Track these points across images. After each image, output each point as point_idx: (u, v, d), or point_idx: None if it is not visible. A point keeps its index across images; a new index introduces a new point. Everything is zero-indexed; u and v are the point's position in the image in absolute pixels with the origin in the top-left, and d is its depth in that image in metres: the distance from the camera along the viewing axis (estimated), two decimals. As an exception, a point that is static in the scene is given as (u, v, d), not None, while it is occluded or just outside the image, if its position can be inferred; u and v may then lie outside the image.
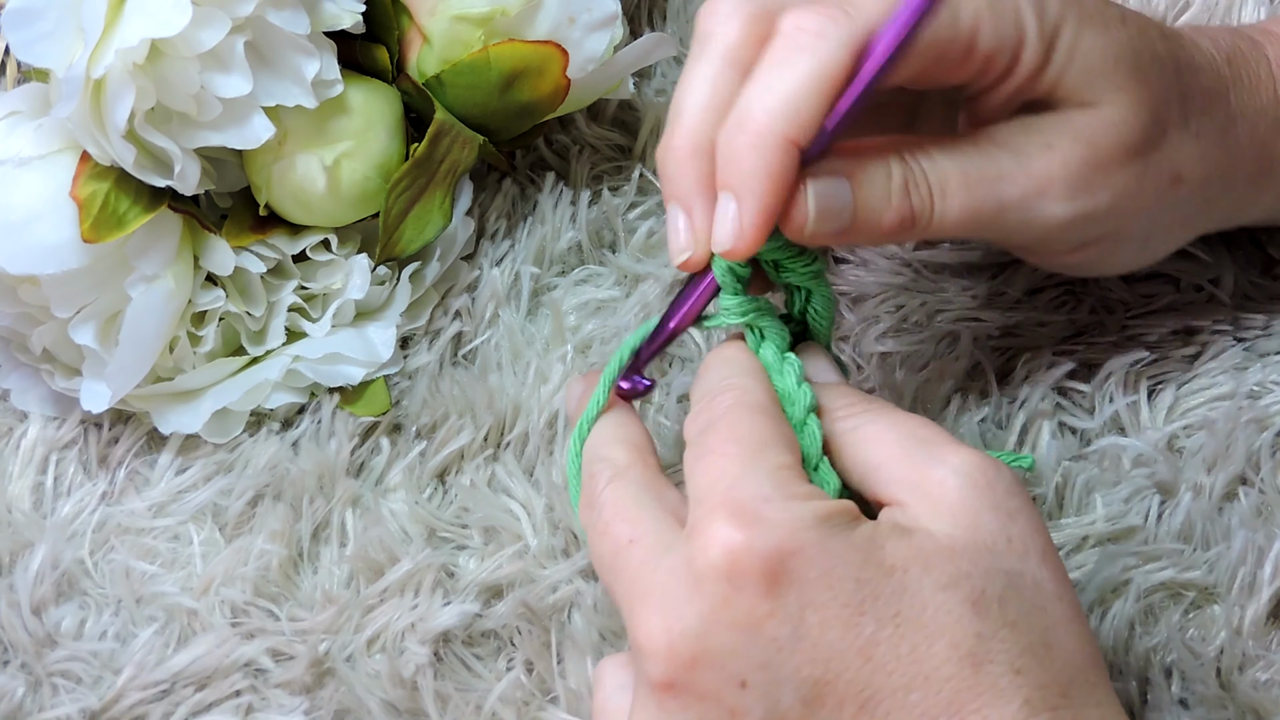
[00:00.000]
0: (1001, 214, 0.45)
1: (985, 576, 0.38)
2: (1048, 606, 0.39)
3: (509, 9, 0.56)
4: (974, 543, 0.39)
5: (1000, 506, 0.40)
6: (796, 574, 0.38)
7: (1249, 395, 0.54)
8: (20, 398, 0.58)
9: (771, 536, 0.38)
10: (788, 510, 0.39)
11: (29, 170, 0.53)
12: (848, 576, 0.38)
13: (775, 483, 0.40)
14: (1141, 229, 0.49)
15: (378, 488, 0.56)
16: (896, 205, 0.44)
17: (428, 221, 0.58)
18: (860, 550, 0.39)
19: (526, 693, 0.51)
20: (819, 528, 0.39)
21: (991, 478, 0.40)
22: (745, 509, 0.39)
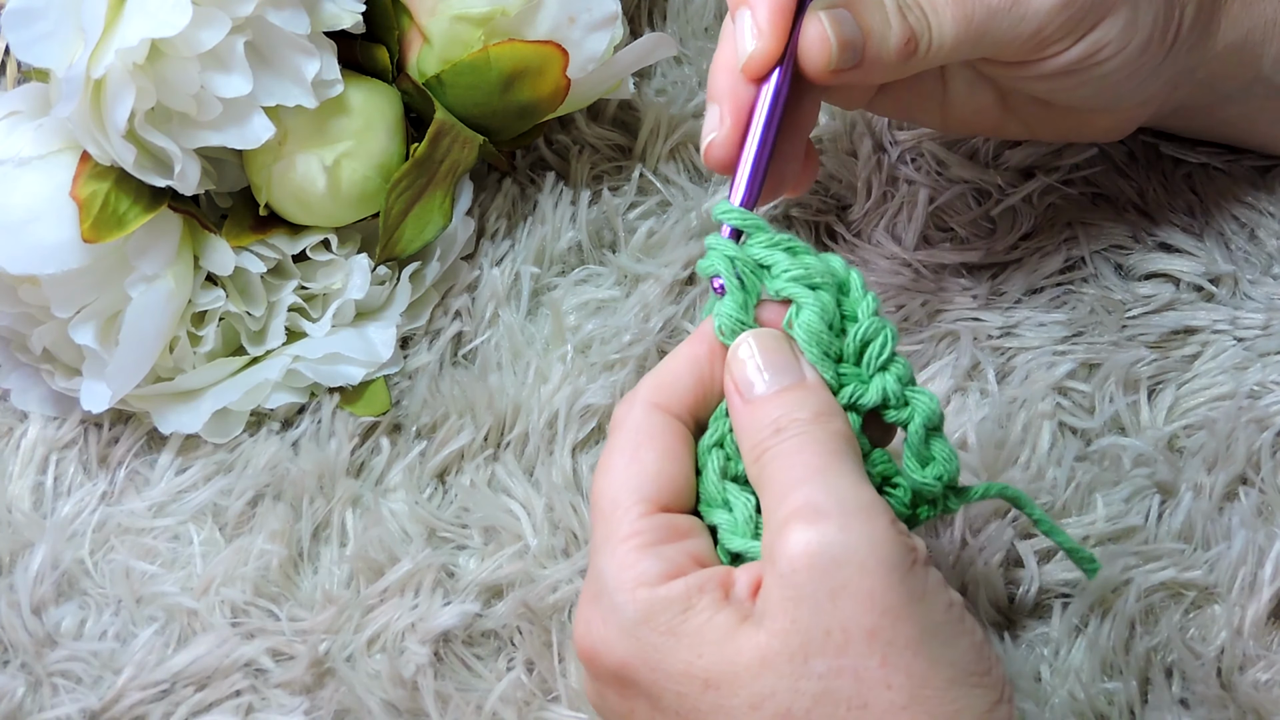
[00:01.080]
0: (993, 19, 0.47)
1: (792, 692, 0.37)
2: (868, 702, 0.37)
3: (509, 9, 0.56)
4: (786, 649, 0.37)
5: (820, 591, 0.37)
6: (632, 681, 0.40)
7: (1249, 395, 0.54)
8: (20, 398, 0.58)
9: (602, 644, 0.40)
10: (615, 610, 0.40)
11: (29, 170, 0.53)
12: (670, 690, 0.39)
13: (615, 566, 0.40)
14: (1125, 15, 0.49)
15: (378, 488, 0.56)
16: (897, 26, 0.47)
17: (428, 221, 0.58)
18: (678, 661, 0.39)
19: (527, 692, 0.51)
20: (639, 635, 0.39)
21: (812, 557, 0.37)
22: (589, 605, 0.41)
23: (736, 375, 0.42)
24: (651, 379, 0.43)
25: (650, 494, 0.41)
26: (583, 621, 0.41)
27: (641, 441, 0.42)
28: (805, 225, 0.62)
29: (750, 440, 0.41)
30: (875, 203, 0.61)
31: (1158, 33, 0.50)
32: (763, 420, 0.41)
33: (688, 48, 0.66)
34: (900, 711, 0.37)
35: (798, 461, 0.40)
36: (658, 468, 0.41)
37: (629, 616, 0.39)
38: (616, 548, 0.40)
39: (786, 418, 0.41)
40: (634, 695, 0.40)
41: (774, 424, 0.41)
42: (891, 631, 0.37)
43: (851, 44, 0.46)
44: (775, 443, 0.40)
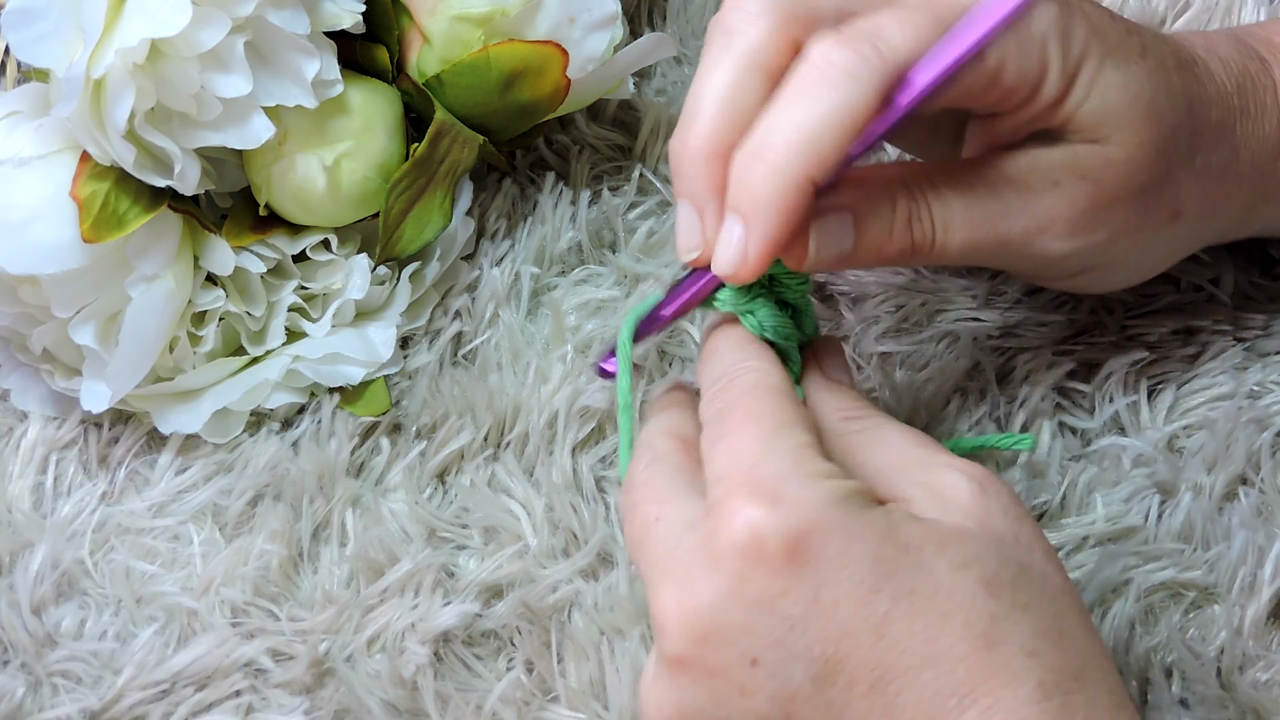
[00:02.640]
0: (1002, 248, 0.46)
1: (998, 562, 0.39)
2: (1057, 596, 0.40)
3: (509, 9, 0.56)
4: (985, 533, 0.40)
5: (1007, 510, 0.41)
6: (814, 551, 0.38)
7: (1249, 395, 0.54)
8: (20, 398, 0.58)
9: (790, 514, 0.38)
10: (806, 488, 0.39)
11: (29, 170, 0.53)
12: (865, 554, 0.38)
13: (795, 460, 0.40)
14: (1136, 258, 0.49)
15: (378, 488, 0.56)
16: (898, 239, 0.45)
17: (428, 221, 0.58)
18: (877, 529, 0.39)
19: (527, 692, 0.51)
20: (837, 506, 0.39)
21: (998, 487, 0.41)
22: (765, 487, 0.39)
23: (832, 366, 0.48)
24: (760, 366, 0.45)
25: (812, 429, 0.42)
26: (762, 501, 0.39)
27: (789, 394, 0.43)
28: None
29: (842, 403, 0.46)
30: (875, 203, 0.61)
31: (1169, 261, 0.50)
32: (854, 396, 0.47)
33: (688, 48, 0.66)
34: (1078, 615, 0.40)
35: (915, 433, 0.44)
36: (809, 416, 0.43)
37: (829, 491, 0.39)
38: (797, 451, 0.40)
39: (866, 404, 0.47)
40: (802, 568, 0.38)
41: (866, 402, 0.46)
42: (1059, 562, 0.41)
43: (834, 250, 0.44)
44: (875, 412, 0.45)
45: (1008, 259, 0.47)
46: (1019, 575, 0.39)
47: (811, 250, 0.44)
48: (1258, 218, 0.52)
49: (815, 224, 0.44)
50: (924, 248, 0.45)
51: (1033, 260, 0.47)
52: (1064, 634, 0.39)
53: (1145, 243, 0.48)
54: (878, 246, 0.45)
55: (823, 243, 0.44)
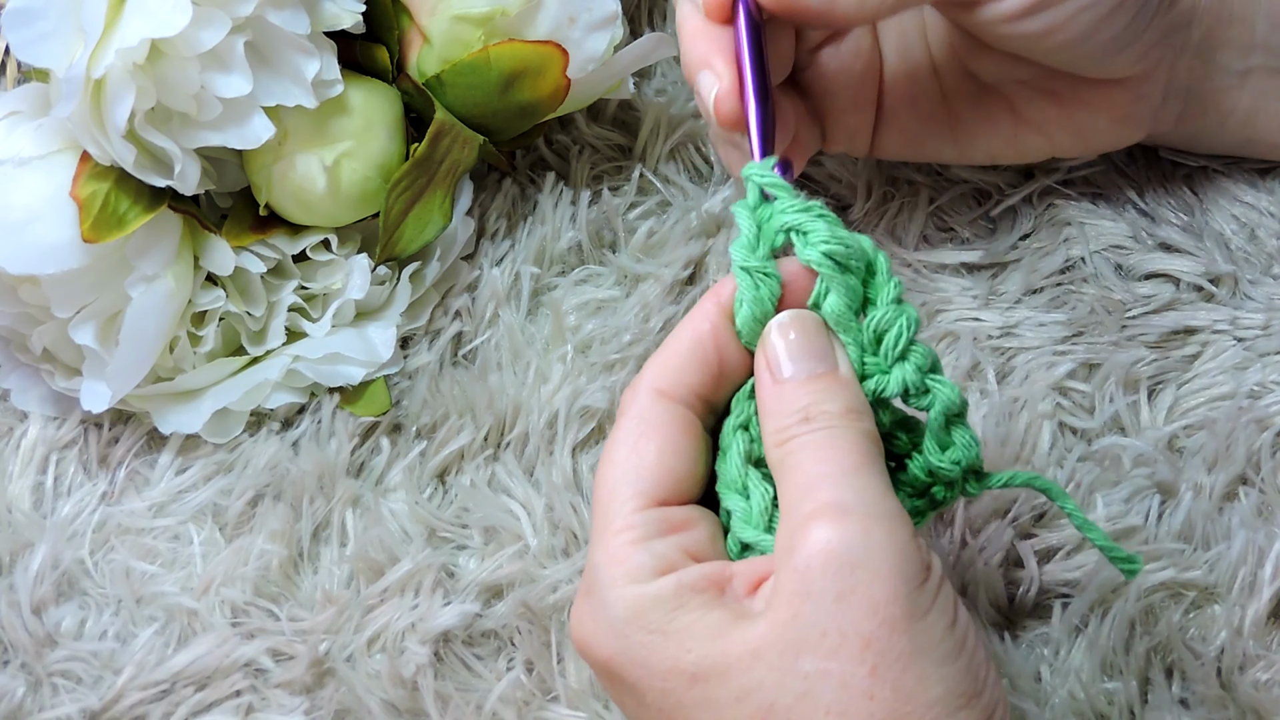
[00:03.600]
0: None
1: (778, 686, 0.37)
2: (849, 709, 0.36)
3: (509, 9, 0.56)
4: (780, 641, 0.37)
5: (827, 592, 0.37)
6: (618, 677, 0.40)
7: (1249, 395, 0.54)
8: (20, 398, 0.58)
9: (592, 639, 0.40)
10: (606, 607, 0.40)
11: (29, 170, 0.53)
12: (654, 687, 0.39)
13: (606, 559, 0.40)
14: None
15: (378, 488, 0.56)
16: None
17: (428, 221, 0.58)
18: (665, 658, 0.39)
19: (527, 692, 0.51)
20: (627, 633, 0.39)
21: (827, 557, 0.37)
22: (583, 599, 0.41)
23: (769, 353, 0.41)
24: (655, 363, 0.43)
25: (647, 487, 0.41)
26: (576, 614, 0.41)
27: (643, 432, 0.41)
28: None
29: (776, 423, 0.41)
30: (875, 203, 0.61)
31: None
32: (791, 405, 0.40)
33: (688, 48, 0.66)
34: (876, 712, 0.36)
35: (825, 456, 0.39)
36: (656, 460, 0.41)
37: (617, 614, 0.39)
38: (610, 542, 0.40)
39: (816, 408, 0.40)
40: (621, 690, 0.40)
41: (803, 411, 0.40)
42: (886, 643, 0.36)
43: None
44: (803, 431, 0.40)
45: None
46: (797, 700, 0.37)
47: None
48: None
49: None
50: None
51: None
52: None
53: None
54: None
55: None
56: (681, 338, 0.43)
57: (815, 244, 0.42)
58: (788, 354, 0.41)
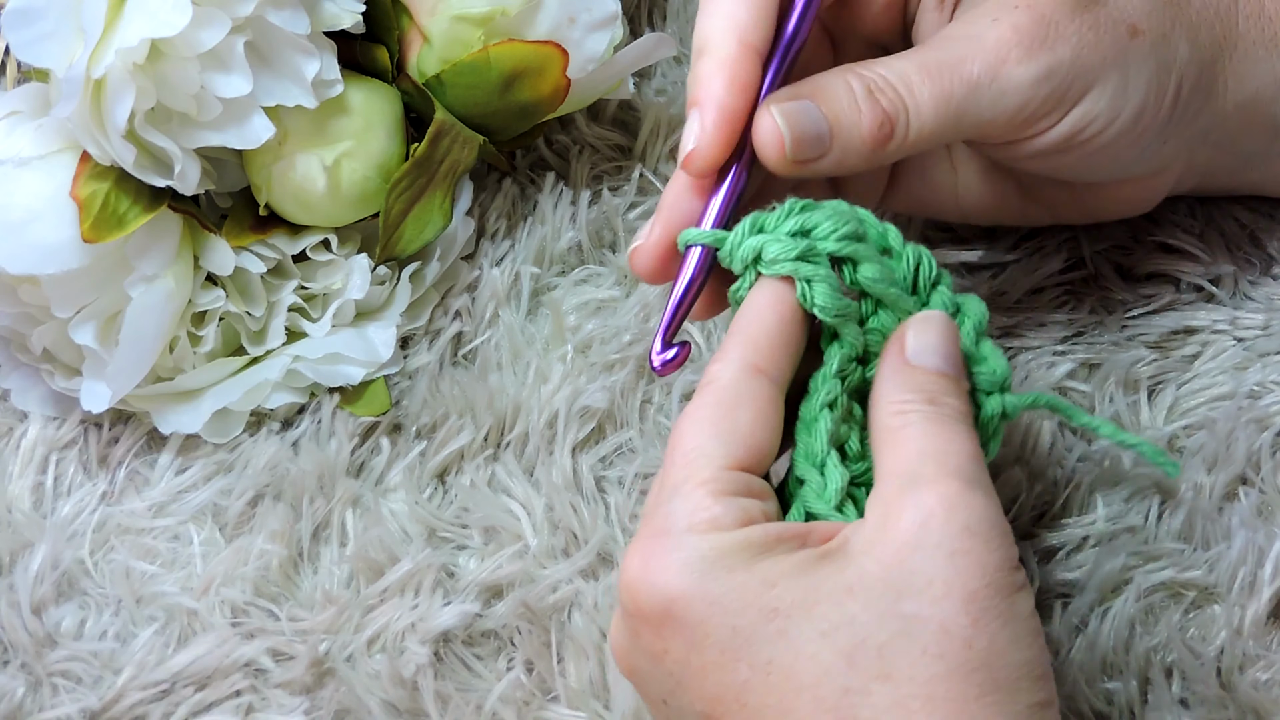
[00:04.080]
0: (974, 95, 0.45)
1: (875, 622, 0.37)
2: (945, 654, 0.37)
3: (509, 9, 0.56)
4: (881, 582, 0.38)
5: (942, 546, 0.38)
6: (680, 617, 0.39)
7: (1249, 395, 0.54)
8: (20, 398, 0.58)
9: (658, 577, 0.39)
10: (679, 548, 0.39)
11: (29, 170, 0.53)
12: (724, 624, 0.39)
13: (683, 509, 0.40)
14: (1115, 87, 0.47)
15: (378, 488, 0.56)
16: (868, 111, 0.45)
17: (428, 221, 0.58)
18: (744, 595, 0.39)
19: (527, 692, 0.51)
20: (704, 570, 0.39)
21: (947, 522, 0.38)
22: (648, 542, 0.40)
23: (912, 339, 0.43)
24: (745, 339, 0.43)
25: (736, 451, 0.41)
26: (638, 556, 0.40)
27: (739, 400, 0.42)
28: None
29: (899, 395, 0.42)
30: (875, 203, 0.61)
31: (1152, 99, 0.48)
32: (919, 384, 0.42)
33: (688, 48, 0.66)
34: (972, 672, 0.37)
35: (951, 435, 0.41)
36: (749, 429, 0.41)
37: (700, 553, 0.39)
38: (694, 491, 0.40)
39: (942, 396, 0.42)
40: (674, 632, 0.39)
41: (929, 394, 0.42)
42: (989, 602, 0.38)
43: (811, 135, 0.44)
44: (927, 409, 0.41)
45: (987, 112, 0.46)
46: (896, 637, 0.37)
47: (785, 133, 0.44)
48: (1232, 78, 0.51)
49: (776, 106, 0.44)
50: (898, 115, 0.45)
51: (1009, 100, 0.46)
52: (932, 700, 0.37)
53: (1113, 63, 0.47)
54: (852, 124, 0.45)
55: (793, 124, 0.44)
56: (770, 317, 0.43)
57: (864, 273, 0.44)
58: (929, 346, 0.43)
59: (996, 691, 0.37)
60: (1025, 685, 0.38)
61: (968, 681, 0.37)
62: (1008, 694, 0.38)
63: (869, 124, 0.45)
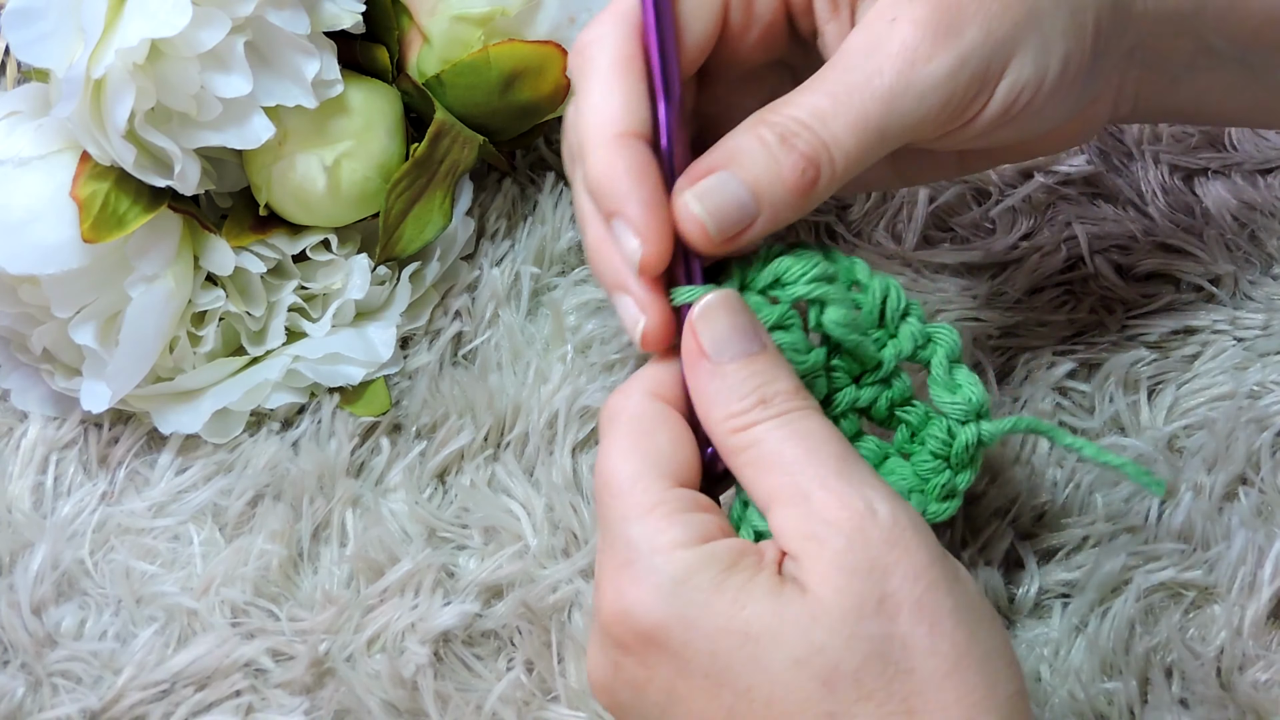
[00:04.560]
0: (891, 108, 0.42)
1: (843, 647, 0.38)
2: (916, 667, 0.37)
3: (509, 9, 0.56)
4: (839, 608, 0.38)
5: (874, 563, 0.38)
6: (661, 643, 0.39)
7: (1249, 395, 0.54)
8: (20, 398, 0.58)
9: (635, 606, 0.39)
10: (650, 573, 0.39)
11: (29, 170, 0.53)
12: (704, 649, 0.38)
13: (642, 533, 0.40)
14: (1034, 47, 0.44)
15: (378, 488, 0.56)
16: (787, 160, 0.42)
17: (428, 221, 0.58)
18: (717, 617, 0.38)
19: (527, 692, 0.51)
20: (677, 593, 0.39)
21: (867, 531, 0.38)
22: (616, 573, 0.40)
23: (708, 336, 0.41)
24: (646, 373, 0.43)
25: (669, 471, 0.41)
26: (611, 589, 0.40)
27: (652, 425, 0.41)
28: (806, 225, 0.62)
29: (726, 408, 0.41)
30: (875, 203, 0.61)
31: (1074, 46, 0.45)
32: (741, 388, 0.41)
33: (688, 48, 0.66)
34: (944, 679, 0.37)
35: (809, 443, 0.40)
36: (672, 449, 0.41)
37: (670, 575, 0.39)
38: (646, 516, 0.40)
39: (769, 389, 0.41)
40: (658, 660, 0.39)
41: (756, 393, 0.41)
42: (935, 603, 0.38)
43: (734, 208, 0.41)
44: (764, 416, 0.40)
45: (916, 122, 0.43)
46: (866, 659, 0.37)
47: (706, 218, 0.41)
48: None
49: (689, 192, 0.41)
50: (820, 155, 0.42)
51: (932, 102, 0.43)
52: (914, 713, 0.37)
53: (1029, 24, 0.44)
54: (775, 179, 0.41)
55: (711, 204, 0.41)
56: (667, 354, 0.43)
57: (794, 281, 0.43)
58: (724, 334, 0.41)
59: (974, 690, 0.37)
60: (1001, 674, 0.38)
61: (943, 689, 0.37)
62: (986, 689, 0.38)
63: (790, 173, 0.41)
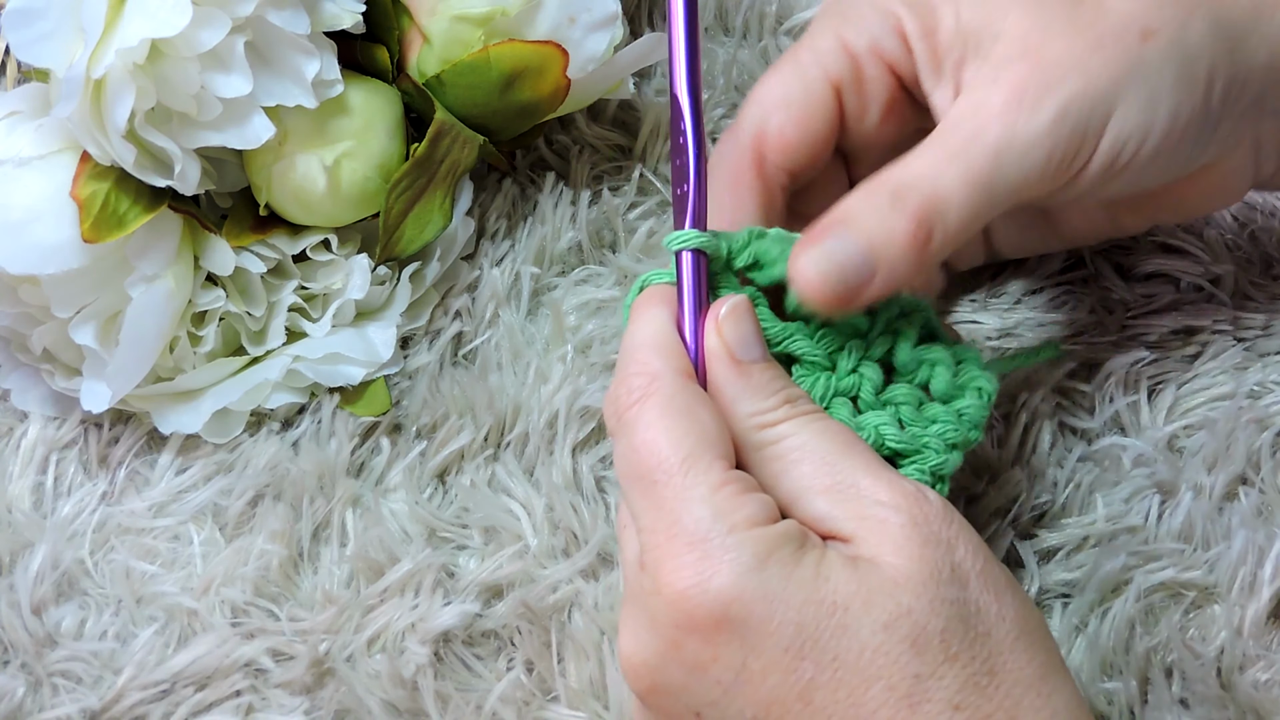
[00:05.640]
0: (998, 164, 0.44)
1: (928, 610, 0.39)
2: (991, 631, 0.39)
3: (509, 9, 0.56)
4: (918, 574, 0.39)
5: (939, 537, 0.40)
6: (738, 620, 0.39)
7: (1249, 395, 0.54)
8: (20, 398, 0.58)
9: (712, 583, 0.39)
10: (728, 549, 0.39)
11: (29, 170, 0.53)
12: (788, 620, 0.38)
13: (714, 510, 0.40)
14: (1137, 99, 0.45)
15: (378, 488, 0.56)
16: (900, 219, 0.43)
17: (428, 221, 0.58)
18: (803, 589, 0.39)
19: (527, 692, 0.51)
20: (760, 568, 0.39)
21: (927, 512, 0.40)
22: (688, 551, 0.39)
23: (734, 335, 0.43)
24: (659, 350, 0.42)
25: (723, 451, 0.41)
26: (679, 568, 0.39)
27: (691, 405, 0.41)
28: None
29: (754, 405, 0.42)
30: (875, 203, 0.61)
31: (1184, 98, 0.45)
32: (768, 387, 0.42)
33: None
34: (1015, 641, 0.39)
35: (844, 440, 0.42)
36: (718, 429, 0.41)
37: (751, 551, 0.39)
38: (714, 495, 0.40)
39: (794, 392, 0.43)
40: (729, 639, 0.39)
41: (783, 394, 0.42)
42: (995, 575, 0.40)
43: (849, 269, 0.43)
44: (794, 414, 0.42)
45: (1024, 178, 0.44)
46: (950, 620, 0.39)
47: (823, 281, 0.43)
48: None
49: (809, 254, 0.43)
50: (932, 211, 0.43)
51: (1037, 156, 0.44)
52: (995, 674, 0.39)
53: (1132, 77, 0.44)
54: (889, 237, 0.43)
55: (828, 266, 0.43)
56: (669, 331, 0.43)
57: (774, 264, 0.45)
58: (748, 335, 0.43)
59: (1039, 654, 0.40)
60: (1050, 642, 0.41)
61: (1015, 650, 0.39)
62: (1046, 653, 0.40)
63: (903, 232, 0.43)
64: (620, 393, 0.42)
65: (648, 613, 0.40)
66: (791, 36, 0.66)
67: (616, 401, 0.42)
